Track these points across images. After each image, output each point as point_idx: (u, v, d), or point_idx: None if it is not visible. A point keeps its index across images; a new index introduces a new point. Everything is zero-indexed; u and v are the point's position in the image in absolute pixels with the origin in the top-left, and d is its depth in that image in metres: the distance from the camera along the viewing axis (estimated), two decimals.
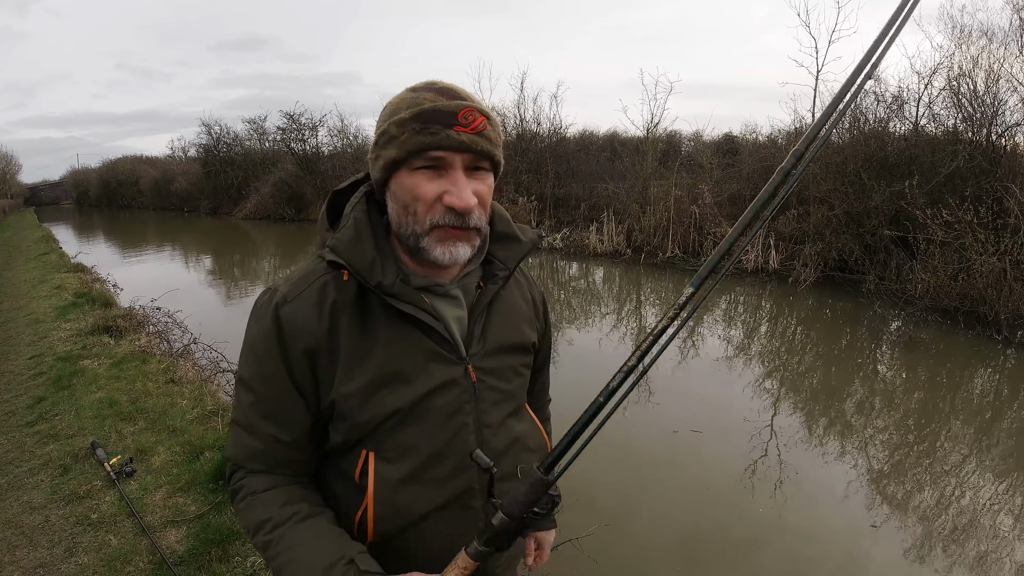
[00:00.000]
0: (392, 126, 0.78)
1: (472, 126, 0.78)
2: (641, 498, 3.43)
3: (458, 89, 0.81)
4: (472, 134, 0.78)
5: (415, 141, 0.77)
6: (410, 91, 0.81)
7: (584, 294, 9.73)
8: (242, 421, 0.86)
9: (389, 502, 0.83)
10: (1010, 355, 6.07)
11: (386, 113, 0.81)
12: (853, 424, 4.61)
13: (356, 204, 0.86)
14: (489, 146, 0.80)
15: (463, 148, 0.77)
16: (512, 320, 0.97)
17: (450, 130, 0.76)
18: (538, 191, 14.39)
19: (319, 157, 21.73)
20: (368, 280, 0.80)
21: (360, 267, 0.80)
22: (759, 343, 6.89)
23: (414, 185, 0.79)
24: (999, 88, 7.93)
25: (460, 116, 0.77)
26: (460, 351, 0.88)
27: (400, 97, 0.81)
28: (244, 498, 0.85)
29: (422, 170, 0.78)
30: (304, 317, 0.81)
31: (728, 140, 15.00)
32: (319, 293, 0.82)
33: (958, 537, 3.12)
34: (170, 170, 32.54)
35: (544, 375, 1.17)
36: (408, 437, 0.84)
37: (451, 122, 0.77)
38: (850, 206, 8.84)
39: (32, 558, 2.41)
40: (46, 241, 15.93)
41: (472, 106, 0.78)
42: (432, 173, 0.79)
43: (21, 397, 4.20)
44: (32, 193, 51.84)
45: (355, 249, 0.80)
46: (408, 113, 0.77)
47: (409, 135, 0.77)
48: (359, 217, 0.84)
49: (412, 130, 0.77)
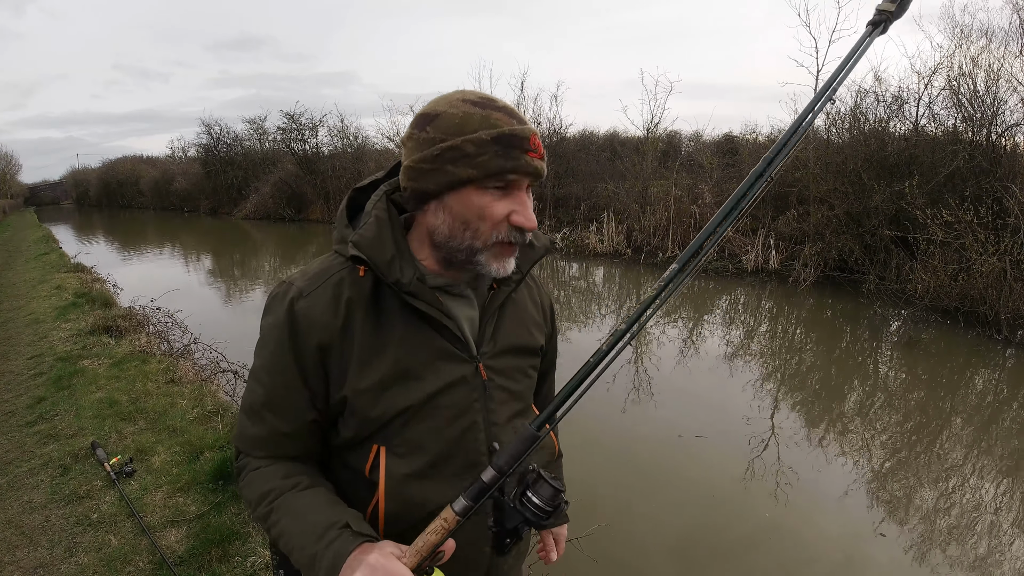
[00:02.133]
0: (469, 144, 0.78)
1: (539, 152, 0.82)
2: (641, 498, 3.43)
3: (515, 109, 0.84)
4: (540, 160, 0.82)
5: (497, 164, 0.78)
6: (473, 106, 0.80)
7: (584, 294, 9.74)
8: (248, 409, 0.88)
9: (400, 497, 0.85)
10: (1010, 355, 6.07)
11: (450, 127, 0.80)
12: (853, 424, 4.61)
13: (377, 203, 0.87)
14: (544, 171, 0.84)
15: (536, 174, 0.82)
16: (522, 323, 0.99)
17: (526, 155, 0.80)
18: (538, 191, 14.35)
19: (319, 157, 21.70)
20: (387, 277, 0.82)
21: (380, 263, 0.81)
22: (759, 343, 6.89)
23: (484, 204, 0.81)
24: (999, 88, 7.93)
25: (531, 142, 0.80)
26: (472, 350, 0.89)
27: (463, 112, 0.80)
28: (247, 475, 0.88)
29: (493, 190, 0.81)
30: (319, 312, 0.82)
31: (728, 140, 14.99)
32: (335, 288, 0.84)
33: (958, 538, 3.12)
34: (170, 170, 32.53)
35: (550, 379, 1.18)
36: (419, 434, 0.85)
37: (527, 147, 0.80)
38: (850, 206, 8.84)
39: (32, 558, 2.41)
40: (46, 241, 15.92)
41: (535, 131, 0.82)
42: (500, 193, 0.81)
43: (21, 397, 4.20)
44: (32, 193, 51.80)
45: (376, 246, 0.82)
46: (487, 135, 0.78)
47: (491, 157, 0.78)
48: (380, 215, 0.85)
49: (494, 152, 0.78)
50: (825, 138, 10.00)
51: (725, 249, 10.55)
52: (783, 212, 10.16)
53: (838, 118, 9.90)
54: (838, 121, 9.91)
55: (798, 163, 10.11)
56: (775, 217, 10.27)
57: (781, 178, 10.46)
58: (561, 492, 0.77)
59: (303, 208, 21.48)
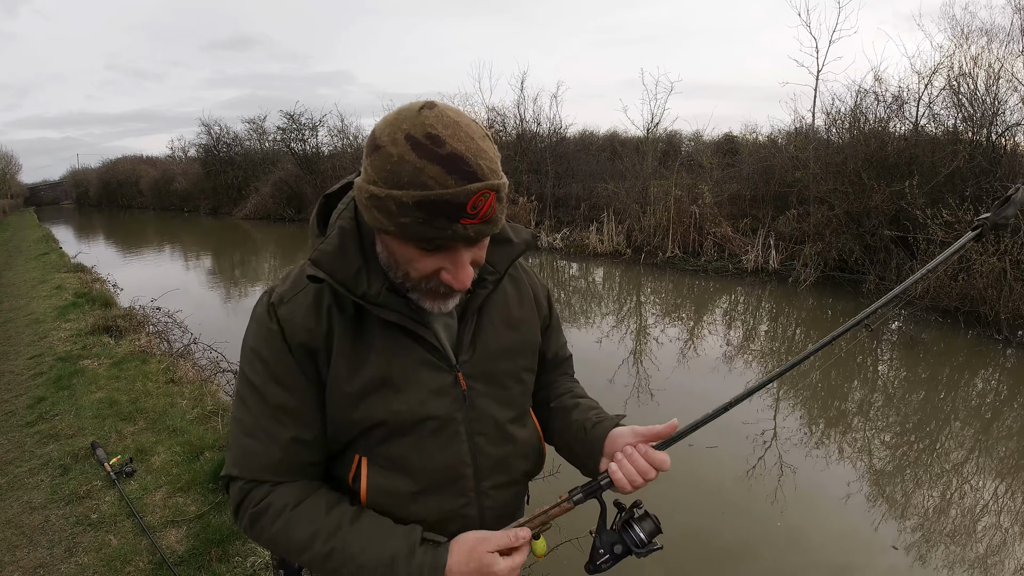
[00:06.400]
0: (391, 203, 0.68)
1: (481, 215, 0.69)
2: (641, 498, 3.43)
3: (465, 154, 0.67)
4: (480, 224, 0.70)
5: (416, 232, 0.69)
6: (413, 149, 0.67)
7: (584, 294, 9.73)
8: (254, 430, 0.81)
9: (382, 508, 0.83)
10: (1010, 355, 6.06)
11: (382, 171, 0.68)
12: (853, 425, 4.61)
13: (343, 212, 0.82)
14: (495, 228, 0.73)
15: (469, 242, 0.72)
16: (507, 323, 0.93)
17: (456, 224, 0.68)
18: (538, 191, 14.38)
19: (319, 157, 21.71)
20: (353, 291, 0.77)
21: (344, 278, 0.77)
22: (759, 343, 6.89)
23: (410, 258, 0.74)
24: (999, 88, 7.93)
25: (469, 207, 0.67)
26: (450, 359, 0.85)
27: (399, 156, 0.67)
28: (279, 516, 0.79)
29: (420, 248, 0.73)
30: (300, 317, 0.80)
31: (728, 140, 15.00)
32: (316, 294, 0.81)
33: (959, 538, 3.12)
34: (170, 170, 32.51)
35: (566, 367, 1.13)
36: (399, 448, 0.83)
37: (459, 215, 0.68)
38: (850, 206, 8.83)
39: (32, 558, 2.41)
40: (46, 241, 15.93)
41: (482, 187, 0.67)
42: (432, 248, 0.73)
43: (21, 397, 4.20)
44: (32, 193, 51.77)
45: (339, 260, 0.77)
46: (410, 198, 0.67)
47: (411, 223, 0.68)
48: (344, 226, 0.79)
49: (414, 219, 0.68)
50: (825, 138, 10.00)
51: (725, 249, 10.55)
52: (783, 212, 10.15)
53: (838, 118, 9.91)
54: (838, 121, 9.92)
55: (798, 163, 10.12)
56: (775, 217, 10.26)
57: (781, 178, 10.48)
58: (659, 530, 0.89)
59: (303, 208, 21.44)
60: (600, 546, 0.87)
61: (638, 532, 0.87)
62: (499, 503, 0.91)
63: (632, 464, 0.87)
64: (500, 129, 15.54)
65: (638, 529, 0.87)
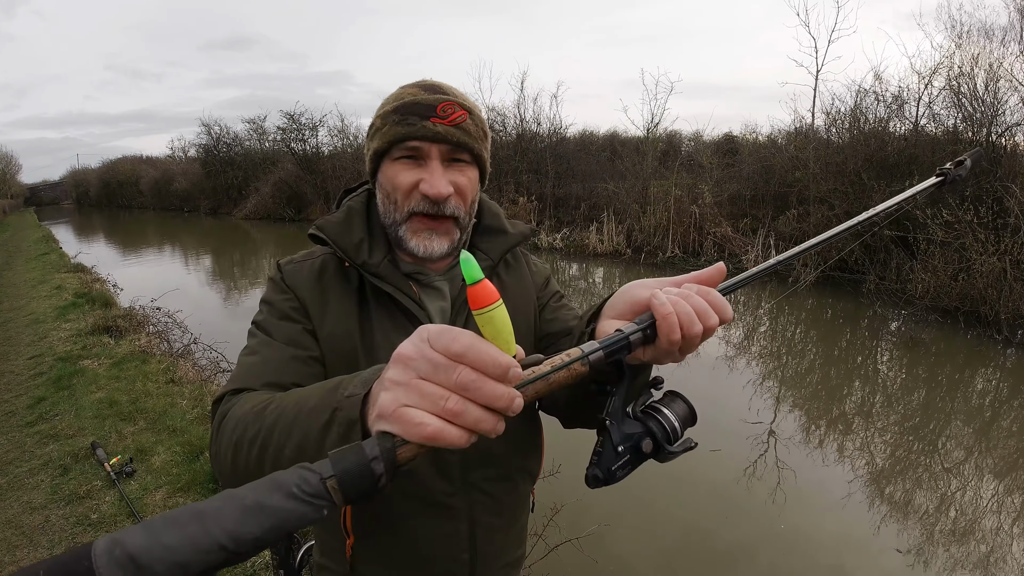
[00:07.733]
0: (377, 119, 0.83)
1: (450, 118, 0.81)
2: (641, 498, 3.43)
3: (444, 85, 0.85)
4: (449, 126, 0.81)
5: (394, 132, 0.81)
6: (403, 88, 0.85)
7: (584, 294, 9.73)
8: (256, 350, 0.79)
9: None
10: (1010, 355, 6.06)
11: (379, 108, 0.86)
12: (853, 425, 4.61)
13: (356, 197, 0.92)
14: (466, 138, 0.82)
15: (439, 139, 0.81)
16: None
17: (427, 121, 0.80)
18: (538, 191, 14.38)
19: (319, 157, 21.71)
20: (354, 258, 0.83)
21: (345, 245, 0.83)
22: (759, 343, 6.89)
23: (394, 174, 0.83)
24: (999, 88, 7.93)
25: (439, 109, 0.80)
26: None
27: (391, 95, 0.86)
28: (231, 408, 0.69)
29: (402, 160, 0.82)
30: (303, 278, 0.86)
31: (728, 140, 15.01)
32: (321, 265, 0.87)
33: (959, 538, 3.12)
34: (170, 170, 32.54)
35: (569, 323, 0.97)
36: None
37: (429, 114, 0.80)
38: (850, 206, 8.84)
39: (32, 558, 2.41)
40: (46, 241, 15.93)
41: (452, 100, 0.81)
42: (411, 163, 0.82)
43: (21, 397, 4.20)
44: (32, 193, 51.86)
45: (342, 229, 0.85)
46: (391, 106, 0.82)
47: (390, 126, 0.81)
48: (353, 205, 0.90)
49: (392, 121, 0.81)
50: (825, 138, 10.01)
51: (725, 249, 10.55)
52: (783, 212, 10.16)
53: (838, 118, 9.91)
54: (838, 121, 9.93)
55: (798, 163, 10.12)
56: (775, 217, 10.27)
57: (781, 178, 10.48)
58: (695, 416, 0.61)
59: (303, 208, 21.46)
60: (618, 442, 0.57)
61: (669, 417, 0.59)
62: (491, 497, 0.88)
63: (687, 301, 0.59)
64: (500, 129, 15.54)
65: (668, 413, 0.59)
